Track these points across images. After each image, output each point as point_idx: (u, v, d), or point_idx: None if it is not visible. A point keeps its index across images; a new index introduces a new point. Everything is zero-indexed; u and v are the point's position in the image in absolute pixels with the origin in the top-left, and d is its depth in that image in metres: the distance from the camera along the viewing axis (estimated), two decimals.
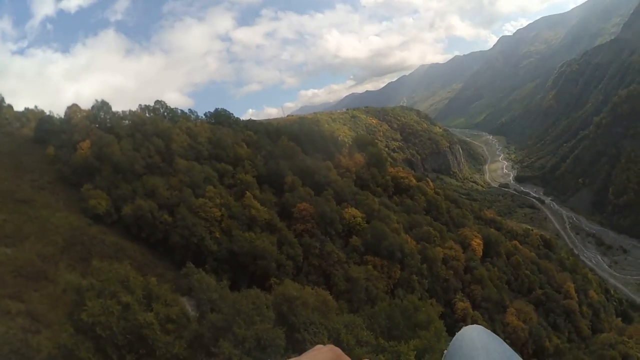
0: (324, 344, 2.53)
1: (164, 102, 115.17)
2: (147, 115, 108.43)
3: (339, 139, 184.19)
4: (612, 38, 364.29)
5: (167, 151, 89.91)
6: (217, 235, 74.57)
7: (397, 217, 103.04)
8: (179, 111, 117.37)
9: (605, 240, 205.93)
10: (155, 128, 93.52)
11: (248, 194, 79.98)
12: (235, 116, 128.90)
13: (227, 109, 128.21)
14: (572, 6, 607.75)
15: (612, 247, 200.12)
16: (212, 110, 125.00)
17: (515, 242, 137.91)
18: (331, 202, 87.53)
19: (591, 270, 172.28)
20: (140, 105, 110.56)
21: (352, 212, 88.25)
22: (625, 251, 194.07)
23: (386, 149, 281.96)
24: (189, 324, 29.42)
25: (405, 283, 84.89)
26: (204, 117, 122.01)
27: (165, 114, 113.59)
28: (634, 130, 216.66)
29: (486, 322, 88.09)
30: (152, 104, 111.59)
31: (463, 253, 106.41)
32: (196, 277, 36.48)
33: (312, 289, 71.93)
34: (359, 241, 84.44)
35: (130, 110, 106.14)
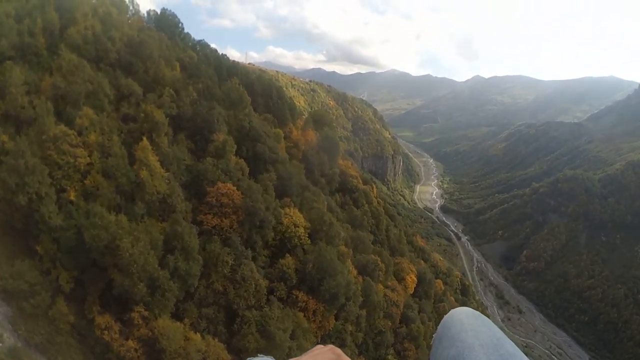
0: None
1: None
2: None
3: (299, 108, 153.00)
4: (576, 121, 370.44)
5: (60, 35, 55.72)
6: (71, 198, 42.02)
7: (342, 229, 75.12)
8: None
9: (505, 295, 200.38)
10: None
11: (145, 141, 46.52)
12: (187, 31, 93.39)
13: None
14: (551, 78, 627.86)
15: (509, 304, 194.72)
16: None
17: (439, 281, 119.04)
18: (270, 192, 56.63)
19: None
20: None
21: (294, 217, 57.32)
22: (520, 312, 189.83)
23: None
24: None
25: (336, 335, 56.93)
26: (145, 15, 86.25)
27: None
28: (564, 208, 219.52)
29: None
30: None
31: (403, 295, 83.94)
32: None
33: (203, 339, 42.25)
34: (293, 265, 54.18)
35: None
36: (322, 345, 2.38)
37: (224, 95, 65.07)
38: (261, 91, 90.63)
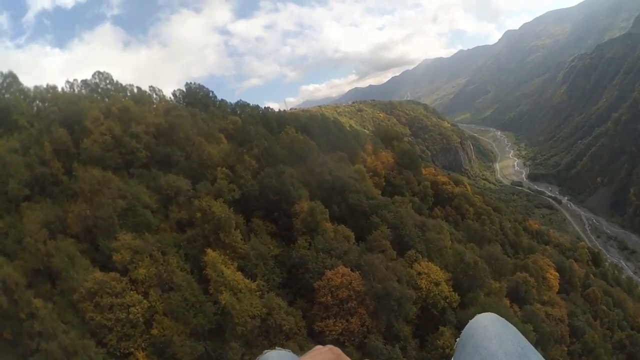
0: None
1: (109, 75, 68.46)
2: (79, 91, 63.36)
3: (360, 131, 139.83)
4: (624, 33, 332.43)
5: (76, 151, 44.25)
6: None
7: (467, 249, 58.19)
8: (135, 90, 70.08)
9: (628, 244, 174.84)
10: (63, 111, 48.02)
11: (210, 253, 32.15)
12: (221, 98, 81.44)
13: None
14: (577, 1, 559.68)
15: (635, 252, 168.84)
16: None
17: (572, 261, 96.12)
18: (390, 253, 40.02)
19: None
20: (67, 80, 64.94)
21: (431, 274, 40.59)
22: None
23: None
24: None
25: None
26: (171, 98, 75.02)
27: (112, 92, 66.95)
28: None
29: None
30: None
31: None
32: None
33: None
34: (452, 339, 37.00)
35: (48, 85, 60.54)
36: (321, 346, 2.19)
37: (287, 151, 50.66)
38: (319, 130, 78.54)
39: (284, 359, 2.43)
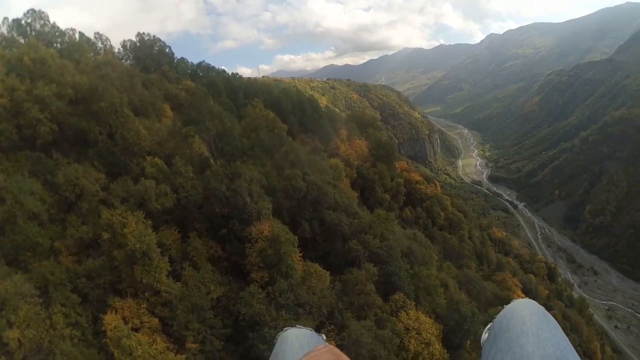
0: None
1: (45, 14, 53.37)
2: (9, 33, 49.18)
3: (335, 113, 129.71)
4: (606, 57, 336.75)
5: None
6: None
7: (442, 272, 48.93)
8: (75, 35, 55.25)
9: (576, 258, 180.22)
10: None
11: (109, 320, 19.59)
12: (181, 57, 67.24)
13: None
14: (565, 18, 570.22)
15: (582, 267, 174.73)
16: None
17: (531, 276, 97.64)
18: (371, 298, 28.26)
19: None
20: None
21: (422, 331, 29.53)
22: (595, 273, 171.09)
23: None
24: None
25: None
26: (119, 49, 60.61)
27: (50, 37, 52.20)
28: (620, 153, 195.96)
29: None
30: None
31: None
32: None
33: None
34: None
35: None
36: (322, 346, 2.09)
37: (250, 138, 37.92)
38: (292, 108, 66.84)
39: (303, 338, 2.35)
